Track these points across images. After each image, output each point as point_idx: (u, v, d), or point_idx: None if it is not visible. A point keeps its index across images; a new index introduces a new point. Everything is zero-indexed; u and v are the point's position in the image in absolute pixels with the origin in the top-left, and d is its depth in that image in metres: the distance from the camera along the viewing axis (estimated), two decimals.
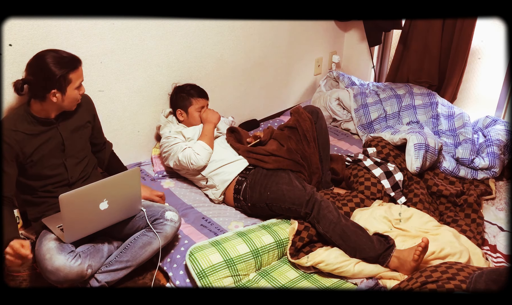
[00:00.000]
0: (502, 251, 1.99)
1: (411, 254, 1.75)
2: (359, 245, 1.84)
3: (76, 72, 1.73)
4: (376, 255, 1.81)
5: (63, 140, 1.81)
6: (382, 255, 1.81)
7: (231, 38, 2.72)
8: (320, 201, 1.94)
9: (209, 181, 2.24)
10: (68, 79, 1.70)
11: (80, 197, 1.60)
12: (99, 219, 1.71)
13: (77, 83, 1.75)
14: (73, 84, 1.73)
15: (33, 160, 1.75)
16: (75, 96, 1.77)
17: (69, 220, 1.62)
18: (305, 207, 1.95)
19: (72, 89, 1.74)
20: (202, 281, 1.72)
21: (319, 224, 1.92)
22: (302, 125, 2.25)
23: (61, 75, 1.68)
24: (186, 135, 2.30)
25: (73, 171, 1.85)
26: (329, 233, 1.89)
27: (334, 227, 1.88)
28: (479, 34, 2.83)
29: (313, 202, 1.94)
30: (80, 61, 1.76)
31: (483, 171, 2.44)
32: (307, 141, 2.23)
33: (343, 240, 1.87)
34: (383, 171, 2.26)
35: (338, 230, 1.88)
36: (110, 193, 1.67)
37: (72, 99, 1.77)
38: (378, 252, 1.81)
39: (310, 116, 2.28)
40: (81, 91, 1.79)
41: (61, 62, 1.69)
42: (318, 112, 2.33)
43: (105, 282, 1.76)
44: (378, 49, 3.45)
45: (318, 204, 1.93)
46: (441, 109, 2.81)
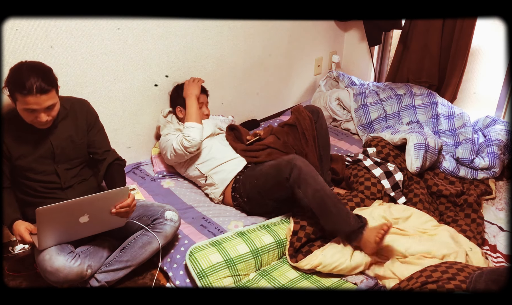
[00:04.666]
0: (502, 251, 1.99)
1: (373, 234, 1.79)
2: (336, 218, 1.85)
3: (22, 97, 1.58)
4: (350, 231, 1.84)
5: (53, 148, 1.77)
6: (355, 232, 1.83)
7: (231, 38, 2.72)
8: (301, 166, 1.90)
9: (208, 180, 2.25)
10: (14, 96, 1.61)
11: (59, 212, 1.56)
12: (78, 231, 1.68)
13: (23, 106, 1.61)
14: (19, 105, 1.61)
15: (22, 165, 1.73)
16: (26, 117, 1.64)
17: (44, 231, 1.59)
18: (284, 171, 1.92)
19: (20, 108, 1.62)
20: (202, 281, 1.72)
21: (299, 189, 1.89)
22: (301, 123, 2.25)
23: (10, 88, 1.61)
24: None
25: (66, 176, 1.82)
26: (308, 199, 1.87)
27: (314, 194, 1.87)
28: (479, 34, 2.83)
29: (292, 165, 1.91)
30: (35, 91, 1.57)
31: (483, 171, 2.44)
32: (305, 139, 2.23)
33: (321, 209, 1.86)
34: (383, 171, 2.26)
35: (317, 198, 1.86)
36: (93, 208, 1.62)
37: (25, 118, 1.65)
38: (352, 228, 1.83)
39: (310, 115, 2.28)
40: (38, 119, 1.63)
41: (16, 78, 1.59)
42: (319, 111, 2.33)
43: (105, 282, 1.76)
44: (378, 49, 3.45)
45: (298, 168, 1.90)
46: (441, 109, 2.81)
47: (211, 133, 2.38)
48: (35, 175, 1.76)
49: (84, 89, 2.15)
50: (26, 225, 1.67)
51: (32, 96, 1.57)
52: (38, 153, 1.75)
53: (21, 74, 1.59)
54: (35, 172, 1.76)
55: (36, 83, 1.57)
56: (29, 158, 1.74)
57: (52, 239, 1.65)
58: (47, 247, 1.65)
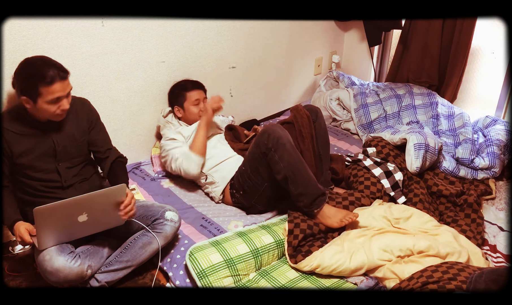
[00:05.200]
0: (502, 251, 1.99)
1: (341, 214, 1.96)
2: (307, 181, 1.95)
3: (48, 87, 1.61)
4: (317, 194, 1.95)
5: (55, 146, 1.77)
6: (320, 197, 1.96)
7: (231, 38, 2.72)
8: (278, 132, 1.97)
9: (208, 178, 2.25)
10: (38, 91, 1.61)
11: (57, 211, 1.56)
12: (77, 230, 1.68)
13: (49, 98, 1.63)
14: (43, 97, 1.62)
15: (23, 163, 1.73)
16: (49, 110, 1.66)
17: (43, 231, 1.59)
18: (262, 140, 1.99)
19: (43, 103, 1.63)
20: (202, 281, 1.72)
21: (275, 153, 1.95)
22: (298, 121, 2.25)
23: (29, 84, 1.62)
24: (186, 134, 2.31)
25: (67, 175, 1.82)
26: (283, 163, 1.94)
27: (289, 159, 1.94)
28: (479, 34, 2.83)
29: (268, 132, 1.98)
30: (62, 77, 1.64)
31: (483, 171, 2.44)
32: (302, 137, 2.22)
33: (294, 172, 1.94)
34: (383, 170, 2.26)
35: (292, 162, 1.94)
36: (91, 207, 1.62)
37: (45, 112, 1.67)
38: (321, 191, 1.96)
39: (308, 114, 2.27)
40: (61, 107, 1.68)
41: (37, 71, 1.61)
42: (318, 111, 2.33)
43: (105, 282, 1.76)
44: (378, 49, 3.45)
45: (277, 134, 1.96)
46: (441, 109, 2.81)
47: (211, 134, 2.38)
48: (36, 174, 1.76)
49: (84, 89, 2.14)
50: (26, 226, 1.67)
51: (57, 83, 1.62)
52: (39, 151, 1.75)
53: (37, 67, 1.62)
54: (36, 170, 1.76)
55: (55, 70, 1.62)
56: (31, 156, 1.74)
57: (52, 239, 1.65)
58: (47, 247, 1.65)
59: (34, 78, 1.61)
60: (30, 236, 1.65)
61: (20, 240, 1.66)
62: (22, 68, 1.65)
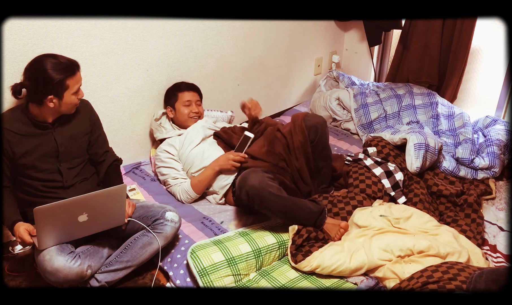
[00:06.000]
0: (502, 251, 1.99)
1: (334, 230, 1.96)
2: (300, 215, 1.94)
3: (73, 78, 1.71)
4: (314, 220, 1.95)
5: (57, 146, 1.79)
6: (319, 218, 1.96)
7: (231, 38, 2.72)
8: (255, 193, 1.86)
9: (208, 188, 2.25)
10: (66, 85, 1.69)
11: (57, 211, 1.57)
12: (77, 230, 1.68)
13: (75, 88, 1.73)
14: (70, 89, 1.71)
15: (25, 163, 1.74)
16: (73, 101, 1.75)
17: (43, 231, 1.60)
18: (242, 198, 1.91)
19: (69, 95, 1.72)
20: (203, 279, 1.72)
21: (260, 207, 1.91)
22: (293, 139, 2.14)
23: (58, 81, 1.66)
24: (178, 146, 2.30)
25: (68, 175, 1.83)
26: (275, 214, 1.95)
27: (279, 208, 1.92)
28: (479, 34, 2.83)
29: (245, 189, 1.87)
30: (78, 66, 1.73)
31: (483, 171, 2.44)
32: (295, 156, 2.16)
33: (287, 217, 1.95)
34: (384, 170, 2.26)
35: (282, 210, 1.92)
36: (92, 207, 1.63)
37: (70, 104, 1.76)
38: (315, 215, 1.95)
39: (305, 133, 2.12)
40: (79, 96, 1.77)
41: (58, 67, 1.67)
42: (318, 128, 2.13)
43: (105, 282, 1.76)
44: (378, 49, 3.45)
45: (253, 192, 1.86)
46: (441, 109, 2.81)
47: (202, 138, 2.34)
48: (38, 174, 1.76)
49: (84, 89, 2.11)
50: (26, 226, 1.67)
51: (77, 71, 1.73)
52: (42, 151, 1.76)
53: (59, 63, 1.67)
54: (38, 170, 1.76)
55: (67, 60, 1.71)
56: (33, 156, 1.74)
57: (52, 239, 1.65)
58: (47, 247, 1.65)
59: (62, 74, 1.67)
60: (30, 236, 1.65)
61: (20, 241, 1.67)
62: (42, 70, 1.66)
